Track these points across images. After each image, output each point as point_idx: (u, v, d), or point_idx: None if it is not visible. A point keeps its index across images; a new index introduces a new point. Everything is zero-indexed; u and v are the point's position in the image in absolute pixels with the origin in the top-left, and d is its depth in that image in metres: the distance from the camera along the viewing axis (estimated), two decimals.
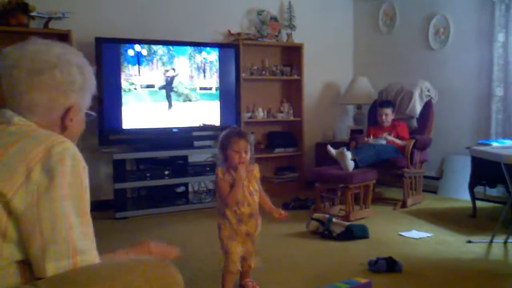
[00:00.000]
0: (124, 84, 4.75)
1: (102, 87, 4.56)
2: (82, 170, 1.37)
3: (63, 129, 1.46)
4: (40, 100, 1.40)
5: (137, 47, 4.81)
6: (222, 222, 2.65)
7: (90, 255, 1.40)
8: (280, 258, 3.42)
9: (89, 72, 1.54)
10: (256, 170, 2.69)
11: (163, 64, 4.95)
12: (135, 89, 4.81)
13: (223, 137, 2.64)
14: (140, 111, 4.84)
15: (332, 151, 4.53)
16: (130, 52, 4.79)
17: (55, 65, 1.42)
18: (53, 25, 4.62)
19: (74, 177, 1.33)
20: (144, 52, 4.85)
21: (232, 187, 2.58)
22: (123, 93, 4.75)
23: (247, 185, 2.63)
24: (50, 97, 1.41)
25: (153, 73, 4.90)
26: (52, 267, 1.30)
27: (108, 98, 4.66)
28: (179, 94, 5.03)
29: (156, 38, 5.00)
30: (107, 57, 4.65)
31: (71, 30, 4.59)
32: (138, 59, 4.83)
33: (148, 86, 4.88)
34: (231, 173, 2.60)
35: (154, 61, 4.92)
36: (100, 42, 4.63)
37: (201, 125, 5.17)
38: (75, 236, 1.34)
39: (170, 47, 4.97)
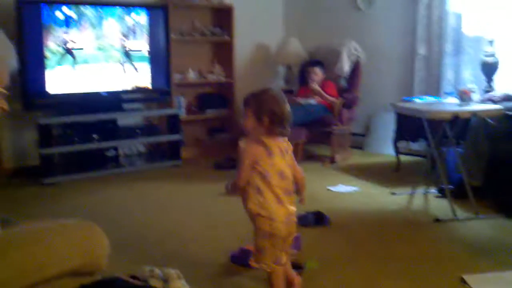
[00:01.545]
0: (50, 46, 4.57)
1: (25, 50, 4.38)
2: None
3: None
4: None
5: (64, 8, 4.61)
6: None
7: None
8: (214, 215, 3.48)
9: (4, 48, 1.47)
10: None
11: (92, 26, 4.78)
12: (64, 52, 4.64)
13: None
14: (67, 74, 4.68)
15: None
16: (57, 14, 4.58)
17: None
18: None
19: None
20: (71, 13, 4.66)
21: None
22: (50, 56, 4.57)
23: None
24: None
25: (81, 36, 4.73)
26: None
27: (32, 61, 4.47)
28: (108, 57, 4.90)
29: None
30: (29, 19, 4.43)
31: None
32: (65, 21, 4.64)
33: (76, 49, 4.72)
34: None
35: (83, 22, 4.75)
36: (21, 2, 4.39)
37: (132, 87, 5.07)
38: None
39: (99, 9, 4.79)
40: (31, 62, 4.48)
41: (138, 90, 5.14)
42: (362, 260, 2.64)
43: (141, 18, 5.06)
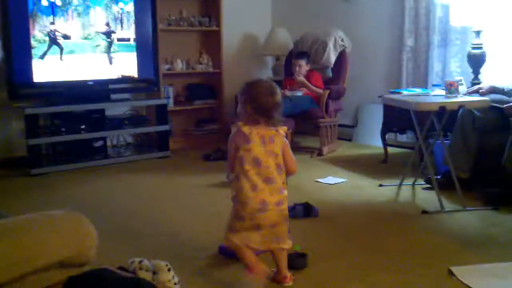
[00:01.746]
0: (36, 35, 4.52)
1: (10, 39, 4.33)
2: None
3: None
4: None
5: None
6: None
7: None
8: (203, 207, 3.48)
9: None
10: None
11: (79, 14, 4.73)
12: (50, 41, 4.59)
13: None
14: (54, 64, 4.64)
15: None
16: (43, 2, 4.53)
17: None
18: None
19: None
20: (57, 1, 4.61)
21: None
22: (36, 44, 4.52)
23: None
24: None
25: (68, 25, 4.68)
26: None
27: (17, 50, 4.42)
28: (95, 46, 4.86)
29: None
30: (15, 6, 4.38)
31: None
32: (51, 9, 4.58)
33: (64, 37, 4.67)
34: None
35: (69, 11, 4.69)
36: None
37: (119, 77, 5.03)
38: None
39: None
40: (17, 51, 4.43)
41: (125, 79, 5.11)
42: (350, 252, 2.66)
43: (128, 6, 5.02)
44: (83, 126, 4.73)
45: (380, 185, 3.90)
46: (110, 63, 4.95)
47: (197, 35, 5.99)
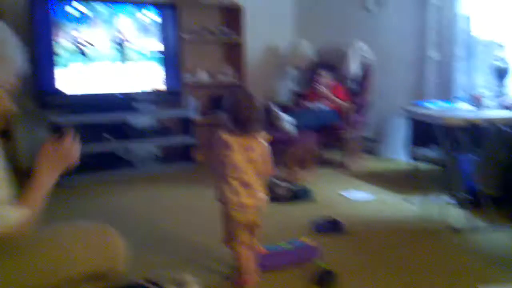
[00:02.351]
0: (62, 44, 4.59)
1: (37, 49, 4.40)
2: None
3: None
4: None
5: (75, 4, 4.63)
6: None
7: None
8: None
9: (11, 49, 1.47)
10: None
11: (103, 23, 4.80)
12: (76, 50, 4.66)
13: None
14: (80, 73, 4.70)
15: (278, 111, 4.56)
16: (69, 10, 4.60)
17: None
18: None
19: None
20: (83, 10, 4.68)
21: None
22: (62, 54, 4.60)
23: None
24: None
25: (93, 33, 4.75)
26: None
27: (43, 59, 4.49)
28: (120, 56, 4.91)
29: None
30: (41, 15, 4.46)
31: None
32: (77, 18, 4.66)
33: (88, 47, 4.74)
34: None
35: (94, 20, 4.76)
36: None
37: (145, 88, 5.08)
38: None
39: (111, 6, 4.80)
40: (43, 60, 4.50)
41: (150, 90, 5.15)
42: (375, 269, 2.63)
43: (151, 17, 5.07)
44: (108, 137, 4.78)
45: (406, 201, 3.86)
46: (135, 73, 4.99)
47: (220, 47, 6.03)
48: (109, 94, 4.88)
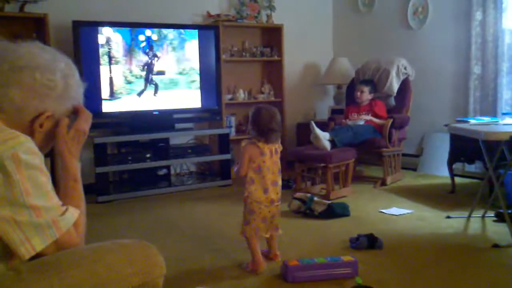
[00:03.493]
0: (104, 67, 4.72)
1: (81, 71, 4.53)
2: (39, 162, 1.34)
3: (30, 133, 1.42)
4: (13, 96, 1.38)
5: (105, 30, 4.75)
6: None
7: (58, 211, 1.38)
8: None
9: (74, 83, 1.54)
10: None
11: (146, 47, 4.91)
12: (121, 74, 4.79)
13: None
14: (122, 94, 4.82)
15: (316, 128, 4.54)
16: (110, 35, 4.74)
17: (38, 66, 1.42)
18: (29, 8, 4.54)
19: (31, 169, 1.31)
20: (126, 35, 4.81)
21: None
22: (103, 76, 4.73)
23: None
24: (23, 96, 1.39)
25: (135, 56, 4.87)
26: (38, 242, 1.32)
27: (87, 81, 4.62)
28: (160, 77, 5.02)
29: (133, 20, 4.96)
30: (85, 40, 4.60)
31: (47, 13, 4.53)
32: (121, 43, 4.79)
33: (129, 70, 4.86)
34: None
35: (135, 44, 4.88)
36: (78, 25, 4.57)
37: (185, 107, 5.15)
38: (47, 216, 1.34)
39: (151, 30, 4.92)
40: (87, 82, 4.62)
41: (189, 109, 5.22)
42: (414, 286, 2.56)
43: (192, 38, 5.16)
44: (148, 155, 4.87)
45: (448, 217, 3.76)
46: (174, 92, 5.07)
47: (259, 65, 6.08)
48: (149, 113, 4.97)
